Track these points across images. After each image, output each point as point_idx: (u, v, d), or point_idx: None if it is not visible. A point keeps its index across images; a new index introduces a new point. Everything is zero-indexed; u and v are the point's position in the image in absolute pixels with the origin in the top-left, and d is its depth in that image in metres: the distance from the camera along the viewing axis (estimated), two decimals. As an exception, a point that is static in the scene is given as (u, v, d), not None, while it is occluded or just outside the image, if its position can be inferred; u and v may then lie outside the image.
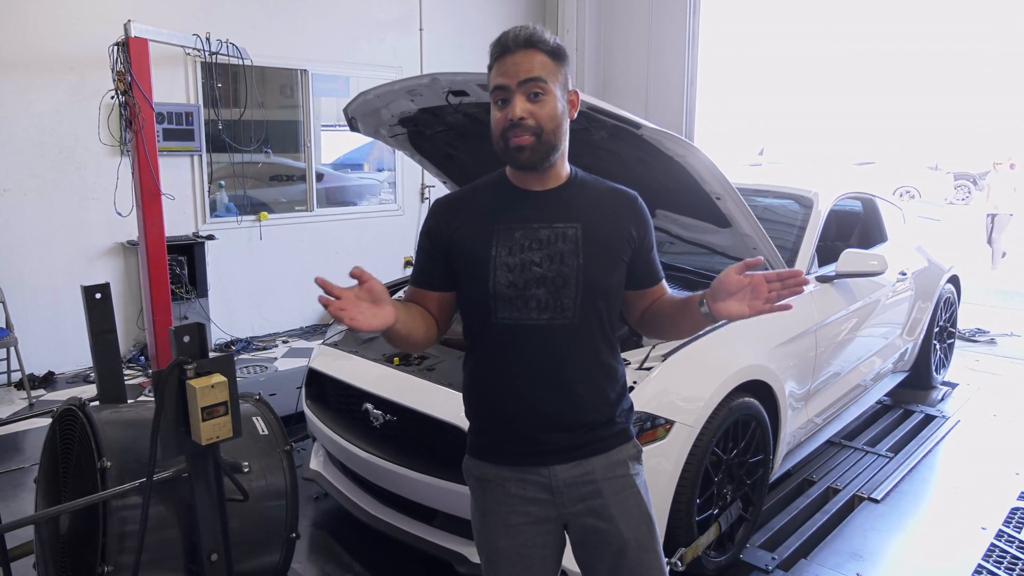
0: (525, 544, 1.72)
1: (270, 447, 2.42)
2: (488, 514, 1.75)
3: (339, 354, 3.28)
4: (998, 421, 4.59)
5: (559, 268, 1.61)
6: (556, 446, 1.67)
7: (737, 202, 2.89)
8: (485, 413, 1.75)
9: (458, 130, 3.37)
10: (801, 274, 1.50)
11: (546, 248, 1.62)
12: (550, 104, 1.58)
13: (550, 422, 1.67)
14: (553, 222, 1.64)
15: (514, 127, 1.56)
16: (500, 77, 1.59)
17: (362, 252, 7.16)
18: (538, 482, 1.69)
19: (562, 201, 1.67)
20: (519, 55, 1.59)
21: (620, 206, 1.71)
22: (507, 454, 1.71)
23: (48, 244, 5.52)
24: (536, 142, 1.57)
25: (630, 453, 1.75)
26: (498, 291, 1.62)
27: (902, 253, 4.50)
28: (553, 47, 1.62)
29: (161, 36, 4.95)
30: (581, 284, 1.61)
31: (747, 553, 3.05)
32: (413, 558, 2.98)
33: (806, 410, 3.50)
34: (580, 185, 1.71)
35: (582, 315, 1.63)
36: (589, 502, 1.69)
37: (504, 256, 1.62)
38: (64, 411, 2.27)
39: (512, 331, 1.63)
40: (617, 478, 1.71)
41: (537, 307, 1.61)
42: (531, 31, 1.61)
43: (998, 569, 2.99)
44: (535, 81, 1.57)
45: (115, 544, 2.00)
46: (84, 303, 2.51)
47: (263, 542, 2.35)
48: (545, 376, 1.64)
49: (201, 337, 1.94)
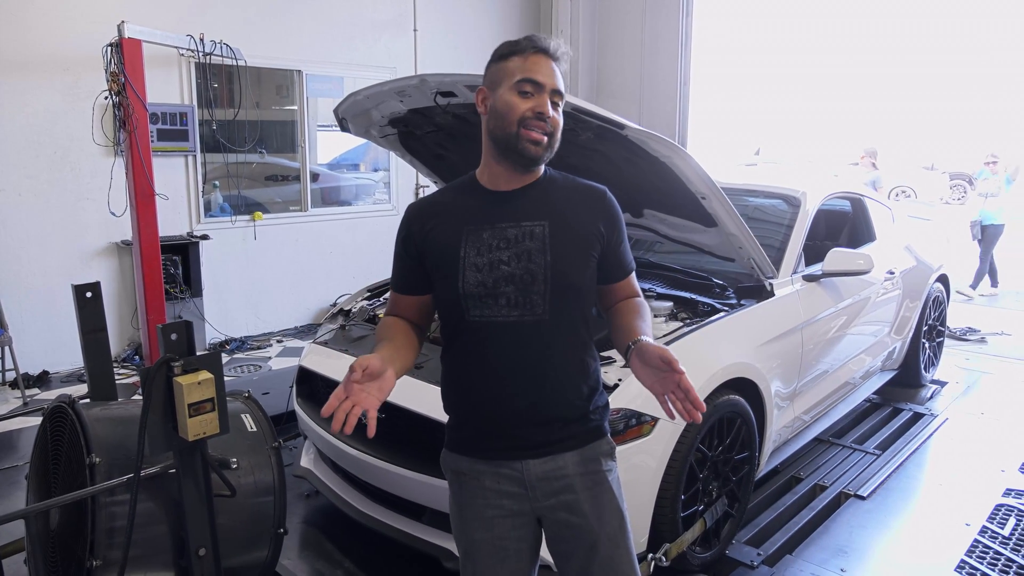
0: (500, 536, 1.76)
1: (258, 444, 2.45)
2: (464, 507, 1.80)
3: (329, 352, 3.31)
4: (986, 419, 4.63)
5: (527, 266, 1.65)
6: (530, 441, 1.71)
7: (722, 202, 2.93)
8: (461, 408, 1.80)
9: (447, 131, 3.40)
10: (700, 411, 1.51)
11: (514, 247, 1.66)
12: (560, 116, 1.68)
13: (524, 417, 1.70)
14: (520, 221, 1.68)
15: (538, 119, 1.62)
16: (537, 74, 1.64)
17: (356, 252, 7.19)
18: (512, 476, 1.73)
19: (530, 200, 1.71)
20: (550, 62, 1.67)
21: (588, 202, 1.75)
22: (482, 448, 1.76)
23: (43, 244, 5.54)
24: (549, 141, 1.65)
25: (604, 450, 1.79)
26: (468, 290, 1.66)
27: (890, 252, 4.54)
28: (566, 70, 1.72)
29: (155, 37, 4.98)
30: (549, 281, 1.65)
31: (733, 549, 3.08)
32: (402, 554, 3.01)
33: (793, 408, 3.53)
34: (549, 183, 1.75)
35: (552, 311, 1.66)
36: (562, 497, 1.73)
37: (473, 256, 1.67)
38: (54, 409, 2.30)
39: (484, 328, 1.67)
40: (590, 474, 1.74)
41: (507, 304, 1.65)
42: (564, 49, 1.71)
43: (980, 564, 3.02)
44: (559, 93, 1.67)
45: (103, 539, 2.03)
46: (75, 302, 2.54)
47: (251, 537, 2.38)
48: (518, 372, 1.68)
49: (188, 335, 1.97)
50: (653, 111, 7.72)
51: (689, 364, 2.75)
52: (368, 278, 4.25)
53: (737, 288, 3.37)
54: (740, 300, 3.28)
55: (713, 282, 3.41)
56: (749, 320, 3.20)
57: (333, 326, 3.59)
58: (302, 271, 6.98)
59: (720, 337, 3.01)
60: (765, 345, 3.20)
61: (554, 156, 1.69)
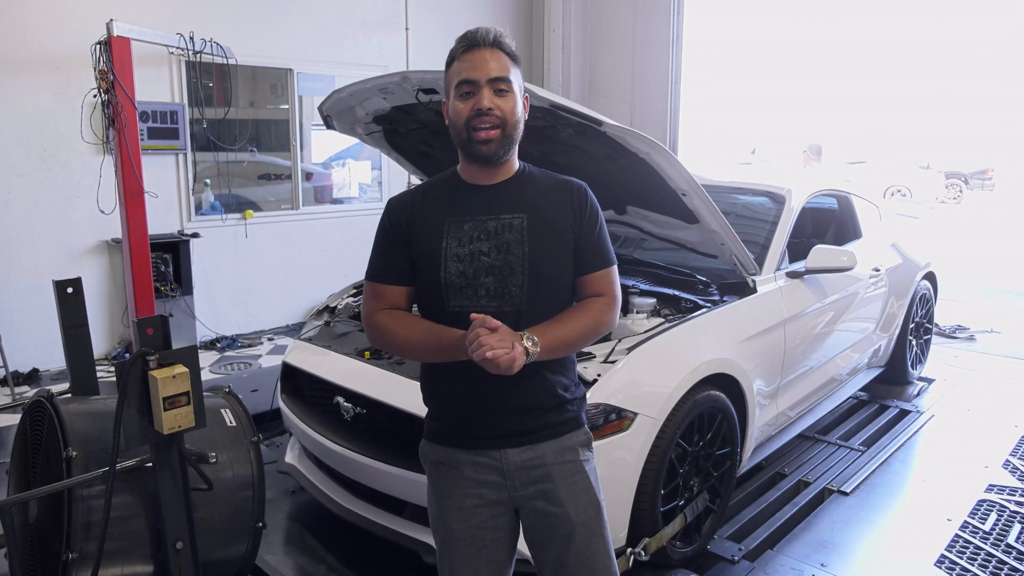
0: (477, 526, 1.78)
1: (238, 438, 2.46)
2: (442, 497, 1.81)
3: (313, 349, 3.32)
4: (971, 416, 4.65)
5: (506, 257, 1.69)
6: (507, 430, 1.74)
7: (703, 198, 2.94)
8: (440, 398, 1.83)
9: (431, 128, 3.41)
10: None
11: (494, 238, 1.70)
12: (511, 101, 1.68)
13: (501, 407, 1.73)
14: (500, 214, 1.72)
15: (480, 116, 1.64)
16: (469, 71, 1.65)
17: (348, 250, 7.20)
18: (490, 465, 1.76)
19: (509, 194, 1.75)
20: (487, 53, 1.66)
21: (564, 195, 1.77)
22: (461, 437, 1.78)
23: (33, 242, 5.55)
24: (500, 135, 1.66)
25: (580, 440, 1.82)
26: (449, 280, 1.70)
27: (876, 250, 4.56)
28: (514, 52, 1.72)
29: (144, 35, 4.98)
30: (527, 272, 1.68)
31: (714, 544, 3.10)
32: (383, 549, 3.02)
33: (776, 404, 3.55)
34: (528, 178, 1.79)
35: (529, 302, 1.69)
36: (539, 486, 1.76)
37: (454, 247, 1.70)
38: (33, 403, 2.31)
39: (463, 318, 1.67)
40: (567, 463, 1.78)
41: (486, 295, 1.69)
42: (498, 32, 1.69)
43: (960, 559, 3.04)
44: (502, 80, 1.66)
45: (80, 532, 2.04)
46: (56, 297, 2.56)
47: (230, 532, 2.39)
48: None
49: (164, 329, 1.98)
50: (644, 110, 7.73)
51: (670, 360, 2.81)
52: (359, 276, 4.25)
53: (720, 285, 3.38)
54: (723, 296, 3.30)
55: (696, 279, 3.43)
56: (731, 316, 3.21)
57: (318, 323, 3.60)
58: (293, 269, 6.99)
59: (701, 333, 3.02)
60: (747, 341, 3.21)
61: (537, 153, 1.72)
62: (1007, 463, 3.93)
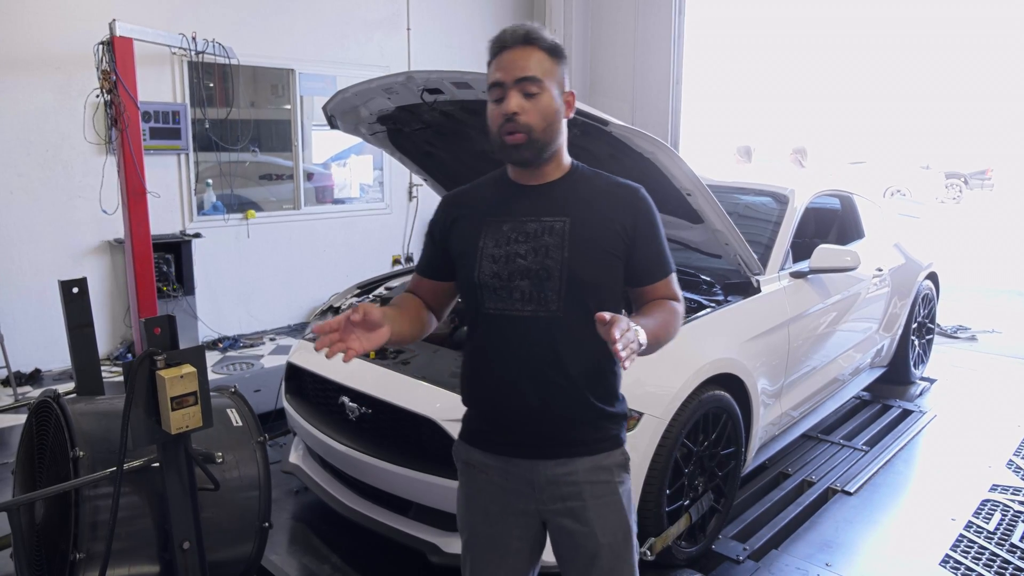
0: (502, 533, 1.75)
1: (244, 438, 2.46)
2: (470, 499, 1.79)
3: (318, 349, 3.32)
4: (974, 416, 4.65)
5: (543, 261, 1.62)
6: (540, 439, 1.69)
7: (707, 198, 2.94)
8: (475, 400, 1.79)
9: (436, 128, 3.41)
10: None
11: (532, 241, 1.64)
12: (543, 102, 1.60)
13: (534, 415, 1.67)
14: (542, 215, 1.65)
15: (508, 122, 1.58)
16: (497, 73, 1.61)
17: (349, 250, 7.20)
18: (520, 475, 1.71)
19: (555, 195, 1.67)
20: (517, 52, 1.60)
21: (617, 199, 1.68)
22: (494, 443, 1.74)
23: (35, 242, 5.55)
24: (528, 139, 1.59)
25: (617, 460, 1.74)
26: (483, 281, 1.65)
27: (879, 250, 4.56)
28: (551, 45, 1.63)
29: (146, 35, 4.98)
30: (565, 278, 1.61)
31: (719, 544, 3.10)
32: (389, 549, 3.02)
33: (780, 404, 3.55)
34: (578, 179, 1.70)
35: (566, 309, 1.62)
36: (568, 503, 1.69)
37: (490, 247, 1.66)
38: (40, 403, 2.31)
39: (499, 321, 1.66)
40: (599, 483, 1.70)
41: (521, 298, 1.63)
42: (529, 28, 1.63)
43: (965, 558, 3.04)
44: (530, 80, 1.58)
45: (87, 532, 2.04)
46: (61, 298, 2.55)
47: (236, 532, 2.39)
48: (529, 368, 1.65)
49: (172, 329, 1.99)
50: (646, 110, 7.73)
51: (675, 360, 2.81)
52: (361, 276, 4.25)
53: (724, 284, 3.38)
54: (727, 296, 3.30)
55: (700, 278, 3.43)
56: (735, 316, 3.21)
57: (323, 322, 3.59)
58: (295, 269, 6.99)
59: (706, 333, 3.02)
60: (751, 341, 3.21)
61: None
62: (1010, 463, 3.94)
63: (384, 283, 3.99)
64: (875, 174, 19.11)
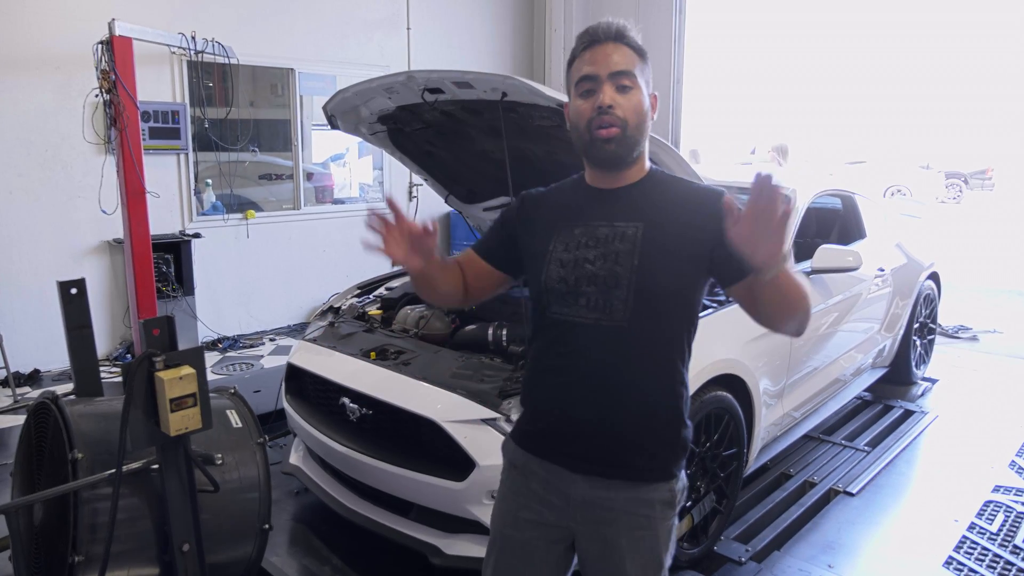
0: (528, 541, 1.71)
1: (243, 440, 2.44)
2: (505, 499, 1.76)
3: (318, 349, 3.31)
4: (976, 416, 4.64)
5: (612, 267, 1.55)
6: (588, 454, 1.62)
7: (709, 198, 2.92)
8: (531, 402, 1.74)
9: (436, 127, 3.40)
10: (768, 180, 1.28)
11: (602, 246, 1.58)
12: (636, 98, 1.55)
13: (587, 426, 1.61)
14: (614, 220, 1.60)
15: (602, 115, 1.53)
16: (589, 66, 1.55)
17: (349, 250, 7.18)
18: (559, 488, 1.65)
19: (630, 200, 1.62)
20: (610, 47, 1.55)
21: (697, 206, 1.58)
22: (539, 447, 1.69)
23: (35, 242, 5.53)
24: (622, 134, 1.54)
25: (663, 496, 1.62)
26: (549, 285, 1.61)
27: (881, 250, 4.54)
28: (639, 45, 1.60)
29: (146, 35, 4.95)
30: (633, 286, 1.54)
31: (721, 545, 3.09)
32: (389, 551, 3.01)
33: (782, 404, 3.54)
34: (655, 184, 1.65)
35: (632, 319, 1.54)
36: (600, 528, 1.63)
37: (560, 252, 1.61)
38: (38, 405, 2.30)
39: (562, 327, 1.61)
40: (639, 516, 1.61)
41: (587, 305, 1.57)
42: (621, 25, 1.58)
43: (968, 560, 3.03)
44: (625, 74, 1.54)
45: (86, 534, 2.03)
46: (60, 298, 2.54)
47: (236, 533, 2.37)
48: (588, 377, 1.60)
49: (170, 330, 1.97)
50: (646, 109, 7.71)
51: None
52: (361, 276, 4.24)
53: (726, 284, 3.36)
54: (729, 297, 3.28)
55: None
56: (737, 316, 3.13)
57: (322, 323, 3.58)
58: (295, 269, 6.97)
59: (708, 333, 2.98)
60: (753, 342, 3.19)
61: (543, 152, 1.64)
62: (1013, 463, 3.93)
63: (384, 283, 3.97)
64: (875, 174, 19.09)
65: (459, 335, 3.16)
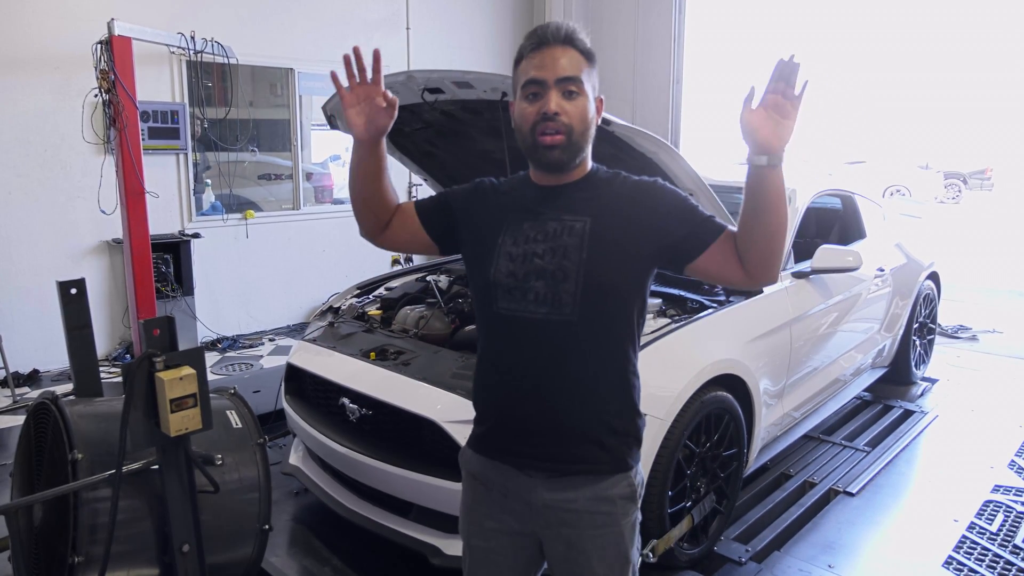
0: (494, 550, 1.72)
1: (243, 440, 2.44)
2: (469, 510, 1.76)
3: (318, 350, 3.30)
4: (975, 416, 4.64)
5: (560, 262, 1.56)
6: (540, 450, 1.62)
7: (710, 198, 2.92)
8: (481, 403, 1.73)
9: (436, 127, 3.40)
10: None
11: (551, 240, 1.58)
12: (582, 105, 1.56)
13: (539, 423, 1.61)
14: (562, 215, 1.60)
15: (546, 120, 1.53)
16: (536, 71, 1.54)
17: (349, 250, 7.17)
18: (519, 495, 1.65)
19: (577, 195, 1.63)
20: (558, 50, 1.54)
21: (638, 197, 1.61)
22: (495, 449, 1.68)
23: (34, 242, 5.53)
24: (566, 141, 1.54)
25: (622, 491, 1.63)
26: (498, 279, 1.60)
27: (880, 250, 4.54)
28: (588, 48, 1.59)
29: (145, 35, 4.96)
30: (582, 280, 1.54)
31: (721, 545, 3.09)
32: (389, 551, 3.00)
33: (782, 404, 3.54)
34: (599, 181, 1.66)
35: (582, 313, 1.55)
36: (564, 530, 1.63)
37: (508, 245, 1.61)
38: (38, 405, 2.29)
39: (511, 322, 1.60)
40: (600, 514, 1.62)
41: (536, 300, 1.57)
42: (571, 28, 1.57)
43: (968, 560, 3.03)
44: (572, 80, 1.54)
45: (86, 535, 2.02)
46: (59, 299, 2.54)
47: (236, 534, 2.37)
48: (537, 372, 1.60)
49: (171, 330, 1.97)
50: (646, 109, 7.71)
51: (677, 361, 2.80)
52: (361, 276, 4.24)
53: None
54: (729, 297, 3.29)
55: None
56: (737, 317, 3.20)
57: (322, 323, 3.58)
58: (295, 269, 6.97)
59: (708, 334, 3.01)
60: (753, 342, 3.20)
61: None
62: (1012, 463, 3.93)
63: (384, 283, 3.97)
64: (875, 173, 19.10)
65: (459, 335, 3.15)
